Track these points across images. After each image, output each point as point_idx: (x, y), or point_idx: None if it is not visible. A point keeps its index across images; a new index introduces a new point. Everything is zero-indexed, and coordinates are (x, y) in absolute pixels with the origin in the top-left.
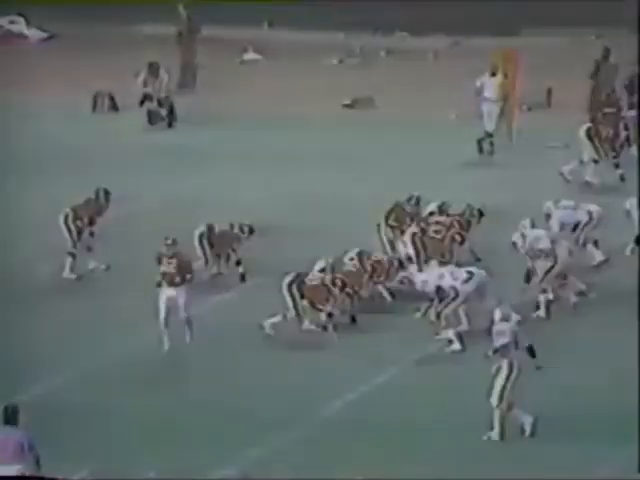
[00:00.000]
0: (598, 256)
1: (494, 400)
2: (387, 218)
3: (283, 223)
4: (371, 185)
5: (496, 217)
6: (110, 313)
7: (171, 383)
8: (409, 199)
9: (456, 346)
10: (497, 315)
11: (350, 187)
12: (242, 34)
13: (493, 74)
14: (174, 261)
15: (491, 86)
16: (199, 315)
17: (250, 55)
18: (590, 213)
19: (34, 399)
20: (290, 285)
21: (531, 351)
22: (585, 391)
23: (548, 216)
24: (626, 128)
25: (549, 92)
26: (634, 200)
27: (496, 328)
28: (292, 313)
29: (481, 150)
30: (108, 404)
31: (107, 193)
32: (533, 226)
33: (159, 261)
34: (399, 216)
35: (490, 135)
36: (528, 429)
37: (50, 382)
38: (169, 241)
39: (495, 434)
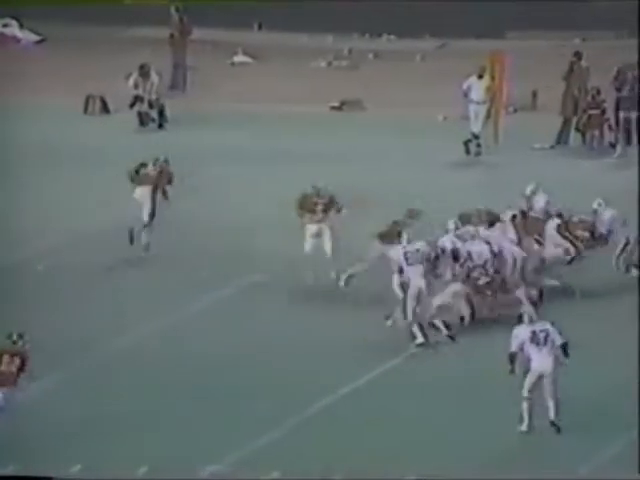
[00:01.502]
0: None
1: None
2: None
3: (273, 223)
4: (359, 185)
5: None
6: (93, 315)
7: (163, 381)
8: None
9: (419, 340)
10: (526, 318)
11: (339, 187)
12: (232, 36)
13: (480, 76)
14: (17, 359)
15: (478, 88)
16: (197, 311)
17: (240, 57)
18: None
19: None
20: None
21: (564, 350)
22: (584, 390)
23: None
24: (610, 128)
25: (535, 94)
26: (601, 200)
27: (514, 332)
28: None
29: (468, 151)
30: (100, 403)
31: (166, 161)
32: (457, 228)
33: None
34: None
35: (477, 137)
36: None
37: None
38: (15, 337)
39: (524, 426)
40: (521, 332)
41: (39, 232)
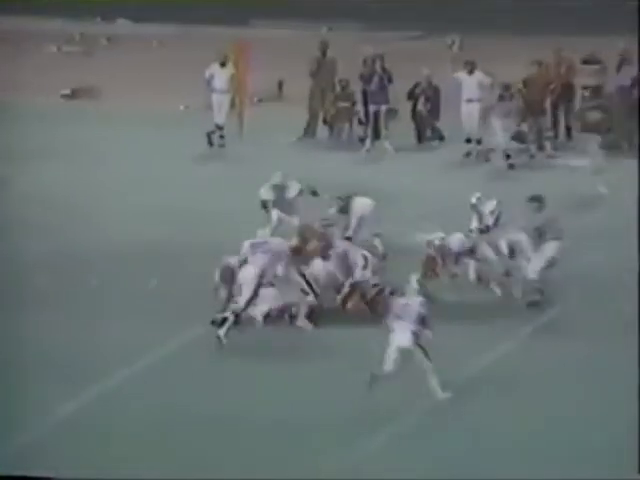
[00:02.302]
0: None
1: None
2: None
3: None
4: (94, 181)
5: (228, 215)
6: None
7: None
8: None
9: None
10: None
11: (72, 183)
12: None
13: (223, 64)
14: None
15: (221, 77)
16: None
17: None
18: None
19: None
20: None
21: (423, 322)
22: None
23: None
24: (360, 122)
25: (280, 85)
26: (478, 194)
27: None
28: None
29: (211, 143)
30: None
31: None
32: None
33: None
34: None
35: (220, 128)
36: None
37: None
38: None
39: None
40: (390, 304)
41: None
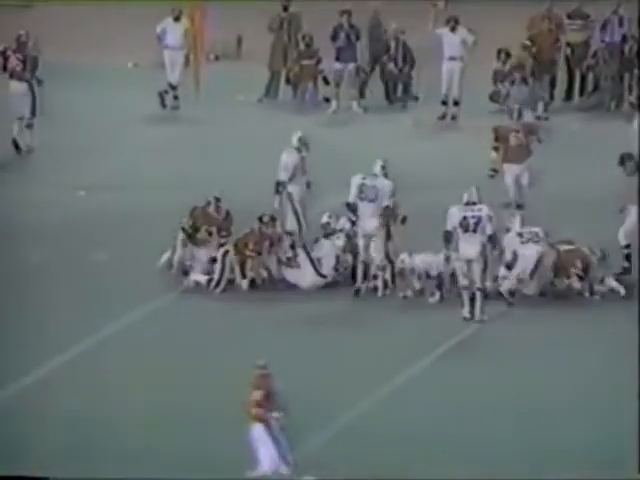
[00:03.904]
0: None
1: None
2: None
3: None
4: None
5: (181, 182)
6: None
7: None
8: None
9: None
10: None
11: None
12: None
13: (177, 19)
14: None
15: (175, 32)
16: None
17: None
18: None
19: None
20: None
21: (491, 240)
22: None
23: None
24: (326, 81)
25: (240, 41)
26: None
27: (449, 211)
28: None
29: (164, 104)
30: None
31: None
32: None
33: None
34: None
35: (174, 87)
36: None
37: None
38: None
39: (465, 312)
40: (454, 213)
41: None
